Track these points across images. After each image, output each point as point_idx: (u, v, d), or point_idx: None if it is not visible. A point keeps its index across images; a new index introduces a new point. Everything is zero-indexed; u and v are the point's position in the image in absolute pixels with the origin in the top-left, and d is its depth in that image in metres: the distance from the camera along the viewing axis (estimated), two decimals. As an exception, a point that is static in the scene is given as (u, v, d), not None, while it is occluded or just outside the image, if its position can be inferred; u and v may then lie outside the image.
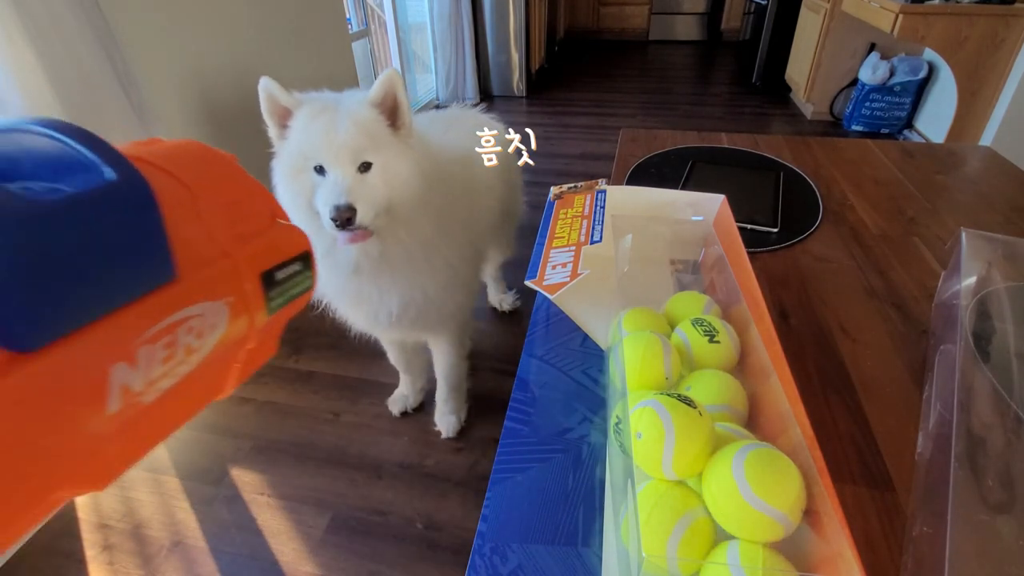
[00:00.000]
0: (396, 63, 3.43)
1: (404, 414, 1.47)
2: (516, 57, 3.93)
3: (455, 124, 1.26)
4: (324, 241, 0.89)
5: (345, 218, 0.81)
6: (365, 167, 0.85)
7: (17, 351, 0.12)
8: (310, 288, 0.23)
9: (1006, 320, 0.52)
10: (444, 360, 1.34)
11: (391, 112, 0.87)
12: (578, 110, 3.81)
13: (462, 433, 1.40)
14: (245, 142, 2.18)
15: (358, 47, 2.90)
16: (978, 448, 0.40)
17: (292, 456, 1.35)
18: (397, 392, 1.49)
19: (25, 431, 0.13)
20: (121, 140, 0.17)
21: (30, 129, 0.15)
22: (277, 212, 0.21)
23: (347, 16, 2.81)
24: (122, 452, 0.16)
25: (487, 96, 4.07)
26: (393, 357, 1.39)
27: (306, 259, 0.22)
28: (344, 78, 2.71)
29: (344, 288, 0.96)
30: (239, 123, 1.99)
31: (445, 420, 1.41)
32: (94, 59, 1.32)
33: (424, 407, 1.51)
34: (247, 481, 1.29)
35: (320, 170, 0.86)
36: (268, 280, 0.20)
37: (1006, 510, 0.37)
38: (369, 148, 0.84)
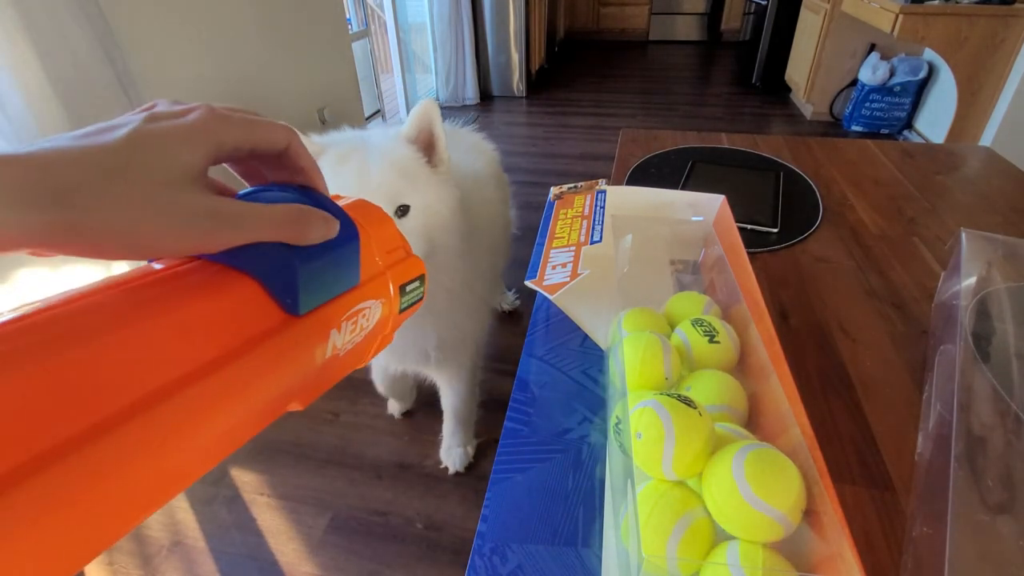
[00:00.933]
0: (396, 63, 3.43)
1: (406, 413, 1.48)
2: (516, 57, 3.93)
3: (457, 146, 1.17)
4: None
5: None
6: (403, 211, 0.76)
7: (293, 315, 0.23)
8: (421, 299, 0.33)
9: (1006, 320, 0.52)
10: (455, 395, 1.22)
11: (427, 147, 0.79)
12: (578, 110, 3.81)
13: (462, 433, 1.40)
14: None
15: (358, 47, 2.90)
16: (978, 448, 0.40)
17: (292, 456, 1.35)
18: (390, 405, 1.47)
19: (295, 358, 0.23)
20: None
21: (310, 192, 0.27)
22: (407, 247, 0.31)
23: (347, 16, 2.81)
24: (322, 383, 0.26)
25: (487, 96, 4.07)
26: (383, 387, 1.36)
27: (422, 279, 0.32)
28: (344, 78, 2.71)
29: None
30: (239, 123, 1.98)
31: (452, 454, 1.31)
32: (94, 59, 1.32)
33: (422, 410, 1.51)
34: (247, 481, 1.29)
35: None
36: (402, 290, 0.30)
37: (1006, 510, 0.37)
38: (407, 190, 0.76)
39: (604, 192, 0.77)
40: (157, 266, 0.22)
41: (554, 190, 0.81)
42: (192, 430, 0.19)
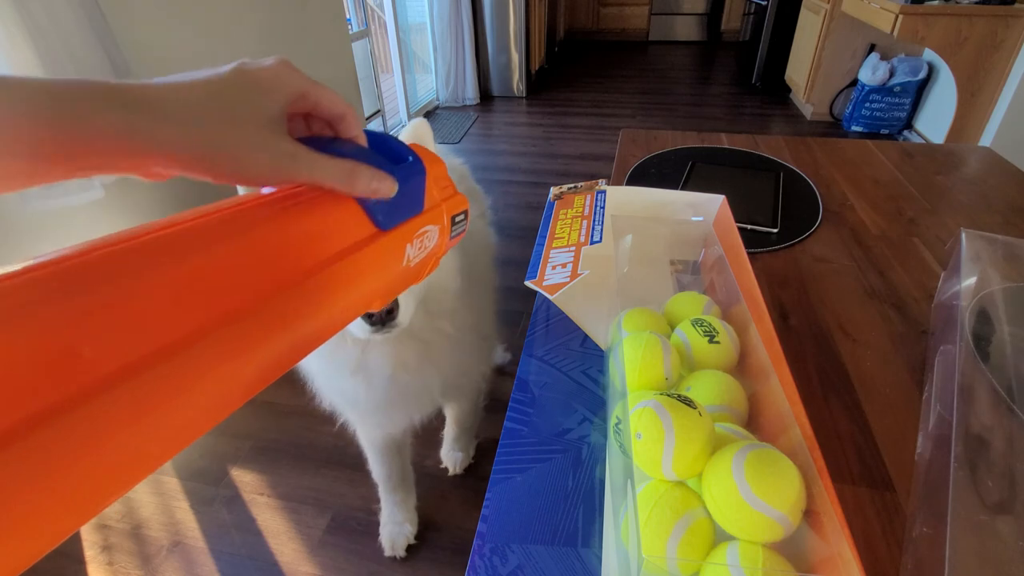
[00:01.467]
0: (396, 63, 3.43)
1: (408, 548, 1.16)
2: (516, 57, 3.93)
3: None
4: (350, 356, 0.72)
5: (382, 315, 0.61)
6: None
7: (381, 230, 0.30)
8: (464, 231, 0.40)
9: (1006, 320, 0.52)
10: (459, 409, 1.22)
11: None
12: (578, 110, 3.81)
13: (462, 433, 1.40)
14: (245, 142, 2.17)
15: (358, 47, 2.90)
16: (978, 448, 0.40)
17: (292, 456, 1.35)
18: (388, 526, 1.16)
19: (384, 262, 0.32)
20: None
21: (384, 136, 0.35)
22: (453, 185, 0.38)
23: (347, 16, 2.81)
24: (396, 288, 0.35)
25: (487, 96, 4.07)
26: (384, 471, 1.14)
27: (466, 213, 0.40)
28: (344, 78, 2.71)
29: (382, 397, 0.78)
30: (239, 123, 1.98)
31: (452, 456, 1.32)
32: (94, 59, 1.32)
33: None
34: (247, 481, 1.29)
35: None
36: (452, 220, 0.38)
37: (1006, 510, 0.37)
38: None
39: (604, 192, 0.77)
40: (267, 190, 0.28)
41: (554, 190, 0.81)
42: (320, 308, 0.26)
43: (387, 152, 0.33)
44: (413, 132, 0.73)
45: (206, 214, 0.23)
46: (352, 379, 0.75)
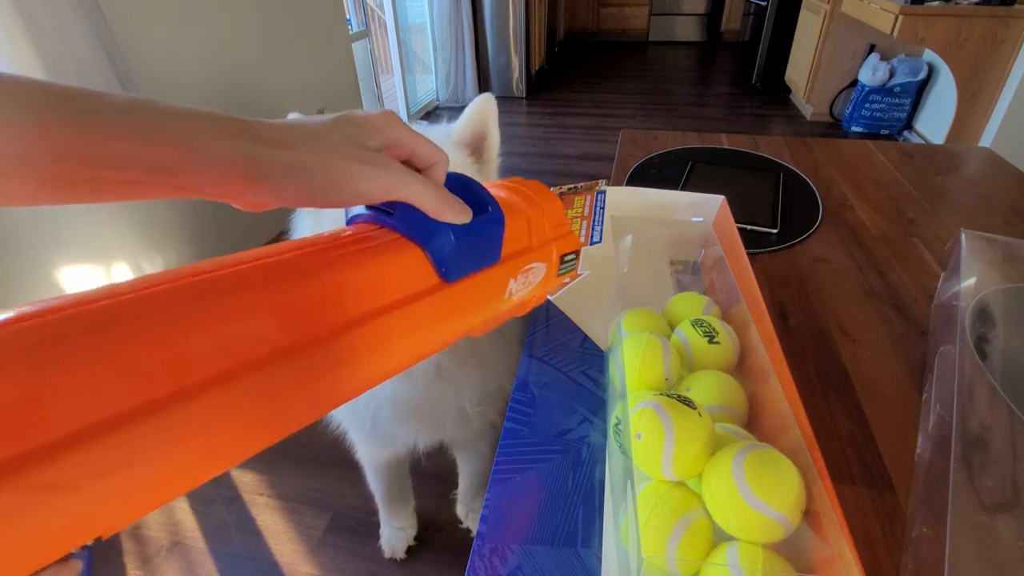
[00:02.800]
0: (396, 63, 3.43)
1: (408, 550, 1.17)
2: (516, 58, 3.93)
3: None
4: None
5: None
6: None
7: (445, 281, 0.29)
8: (574, 270, 0.40)
9: (1006, 321, 0.52)
10: (479, 459, 1.10)
11: (477, 149, 0.67)
12: (578, 111, 3.81)
13: (462, 434, 1.40)
14: (245, 142, 2.16)
15: (358, 47, 2.90)
16: (978, 449, 0.40)
17: (292, 456, 1.35)
18: (388, 530, 1.16)
19: (476, 302, 0.32)
20: None
21: (467, 181, 0.33)
22: (568, 225, 0.39)
23: (347, 16, 2.81)
24: (497, 319, 0.35)
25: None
26: (383, 488, 1.10)
27: (577, 253, 0.39)
28: (344, 78, 2.71)
29: (410, 400, 0.73)
30: (239, 123, 1.98)
31: (475, 517, 1.16)
32: (94, 59, 1.32)
33: None
34: (247, 481, 1.29)
35: None
36: (561, 259, 0.37)
37: (1006, 511, 0.37)
38: None
39: (604, 192, 0.77)
40: (347, 231, 0.30)
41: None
42: (366, 360, 0.26)
43: (470, 198, 0.31)
44: (478, 112, 0.66)
45: (262, 256, 0.24)
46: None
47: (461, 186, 0.32)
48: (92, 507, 0.17)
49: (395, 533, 1.15)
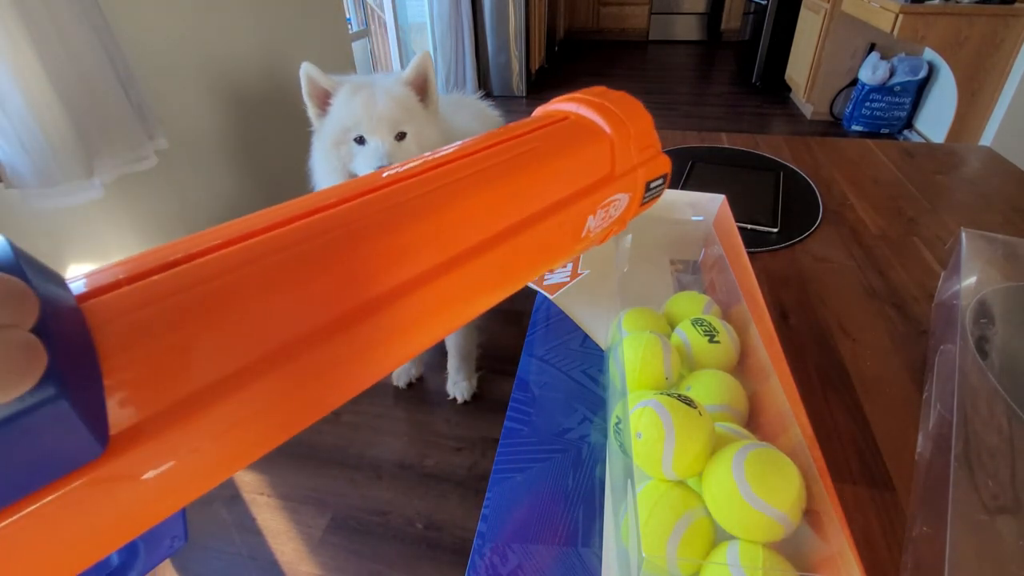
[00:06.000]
0: (396, 63, 3.43)
1: (409, 385, 1.54)
2: (516, 57, 3.92)
3: (460, 109, 1.36)
4: None
5: None
6: (400, 136, 0.98)
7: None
8: (659, 195, 0.35)
9: (1006, 320, 0.52)
10: (457, 332, 1.39)
11: (421, 90, 1.00)
12: (578, 110, 3.81)
13: (462, 434, 1.40)
14: (244, 141, 2.18)
15: (358, 47, 2.90)
16: (978, 448, 0.40)
17: (292, 456, 1.35)
18: (395, 374, 1.51)
19: (553, 244, 0.28)
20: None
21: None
22: (658, 144, 0.33)
23: (347, 16, 2.81)
24: (571, 257, 0.31)
25: (487, 96, 4.06)
26: None
27: (666, 177, 0.34)
28: (344, 78, 2.71)
29: None
30: (239, 123, 1.99)
31: (459, 387, 1.47)
32: (94, 59, 1.32)
33: (424, 381, 1.54)
34: (247, 481, 1.29)
35: (360, 140, 0.97)
36: (647, 187, 0.32)
37: (1006, 510, 0.37)
38: (404, 120, 0.97)
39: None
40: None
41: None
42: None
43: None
44: (419, 63, 0.97)
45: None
46: None
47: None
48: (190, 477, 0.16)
49: (400, 370, 1.48)
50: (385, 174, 0.23)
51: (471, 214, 0.23)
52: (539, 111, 0.33)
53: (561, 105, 0.32)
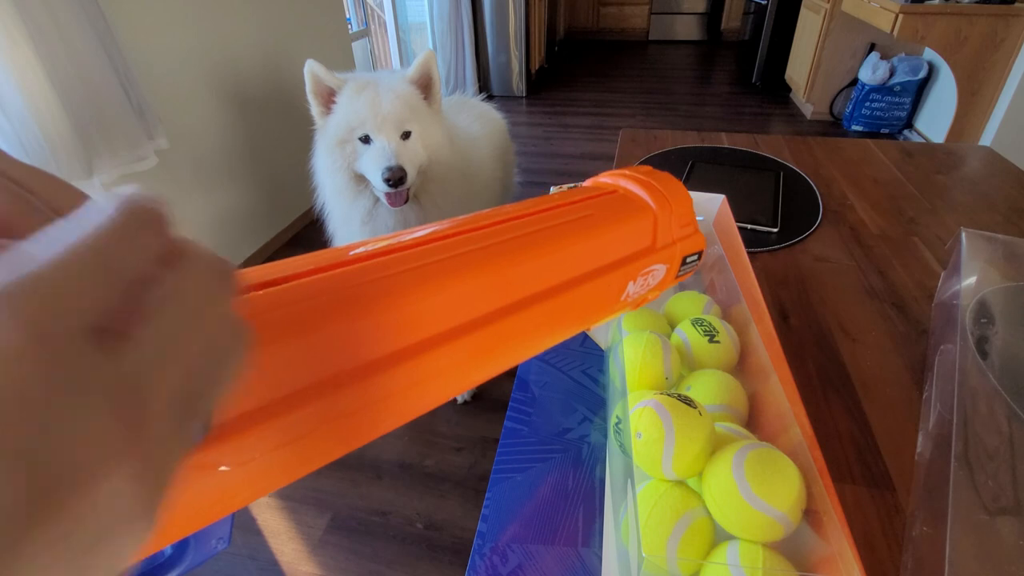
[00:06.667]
0: (396, 63, 3.43)
1: None
2: (516, 57, 3.92)
3: (463, 110, 1.37)
4: (363, 206, 1.02)
5: (398, 177, 0.94)
6: (406, 135, 0.98)
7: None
8: (693, 270, 0.36)
9: (1006, 320, 0.52)
10: None
11: (426, 88, 1.01)
12: (578, 110, 3.81)
13: (462, 433, 1.40)
14: (244, 140, 2.18)
15: (358, 47, 2.90)
16: (978, 448, 0.40)
17: (292, 456, 1.35)
18: None
19: (575, 317, 0.29)
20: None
21: None
22: (695, 223, 0.35)
23: (347, 16, 2.81)
24: (607, 318, 0.33)
25: (487, 96, 4.07)
26: None
27: (700, 254, 0.36)
28: (344, 78, 2.71)
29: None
30: (239, 122, 1.99)
31: None
32: (94, 59, 1.32)
33: None
34: (247, 481, 1.29)
35: (365, 140, 0.97)
36: (683, 261, 0.34)
37: (1006, 510, 0.37)
38: (410, 118, 0.97)
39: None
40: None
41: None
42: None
43: None
44: (423, 62, 0.98)
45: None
46: (361, 228, 1.05)
47: None
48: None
49: None
50: (451, 226, 0.25)
51: (531, 269, 0.24)
52: (590, 182, 0.36)
53: (610, 179, 0.35)
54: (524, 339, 0.25)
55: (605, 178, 0.35)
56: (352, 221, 1.06)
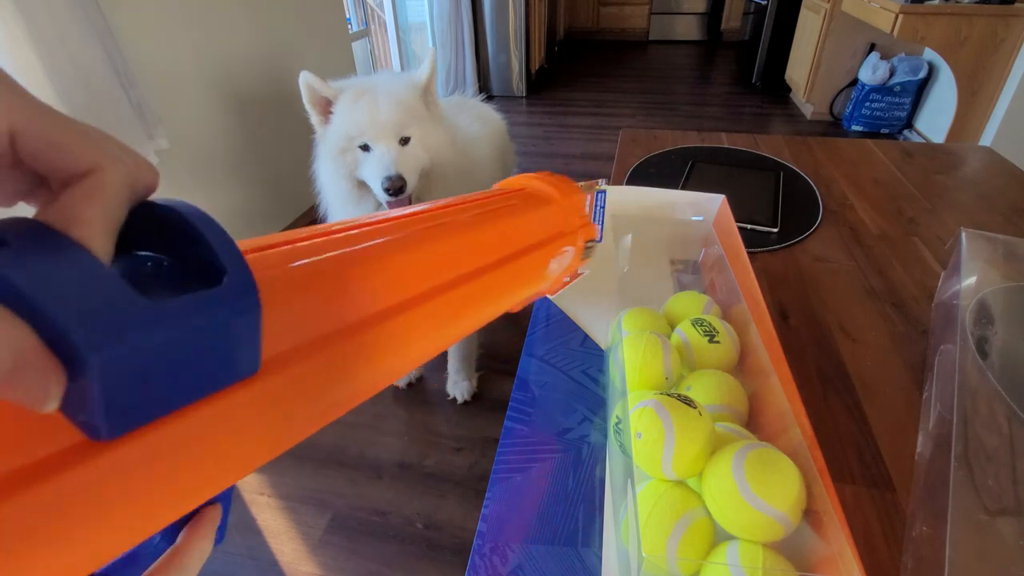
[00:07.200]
0: (396, 63, 3.43)
1: (409, 385, 1.55)
2: (516, 57, 3.92)
3: (462, 110, 1.36)
4: (366, 211, 1.02)
5: (397, 187, 0.93)
6: (405, 140, 0.97)
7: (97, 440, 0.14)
8: (591, 256, 0.41)
9: (1006, 320, 0.52)
10: None
11: (426, 89, 1.00)
12: (578, 110, 3.81)
13: (462, 434, 1.40)
14: (245, 140, 2.18)
15: (358, 47, 2.90)
16: (978, 448, 0.40)
17: (292, 456, 1.35)
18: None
19: (526, 281, 0.34)
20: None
21: (186, 218, 0.16)
22: (588, 214, 0.41)
23: (347, 16, 2.81)
24: (529, 298, 0.37)
25: (487, 96, 4.07)
26: None
27: (595, 242, 0.41)
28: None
29: None
30: (239, 122, 1.99)
31: (459, 387, 1.47)
32: (94, 59, 1.32)
33: (424, 381, 1.54)
34: (247, 481, 1.29)
35: (365, 147, 0.96)
36: (586, 245, 0.39)
37: (1006, 510, 0.37)
38: (408, 123, 0.96)
39: (604, 192, 0.77)
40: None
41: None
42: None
43: (184, 253, 0.16)
44: (432, 66, 0.97)
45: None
46: None
47: (173, 227, 0.16)
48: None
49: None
50: (398, 212, 0.27)
51: (470, 246, 0.28)
52: (499, 185, 0.40)
53: (521, 179, 0.40)
54: (481, 303, 0.28)
55: (517, 178, 0.41)
56: None
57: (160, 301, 0.13)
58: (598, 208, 0.76)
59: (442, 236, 0.26)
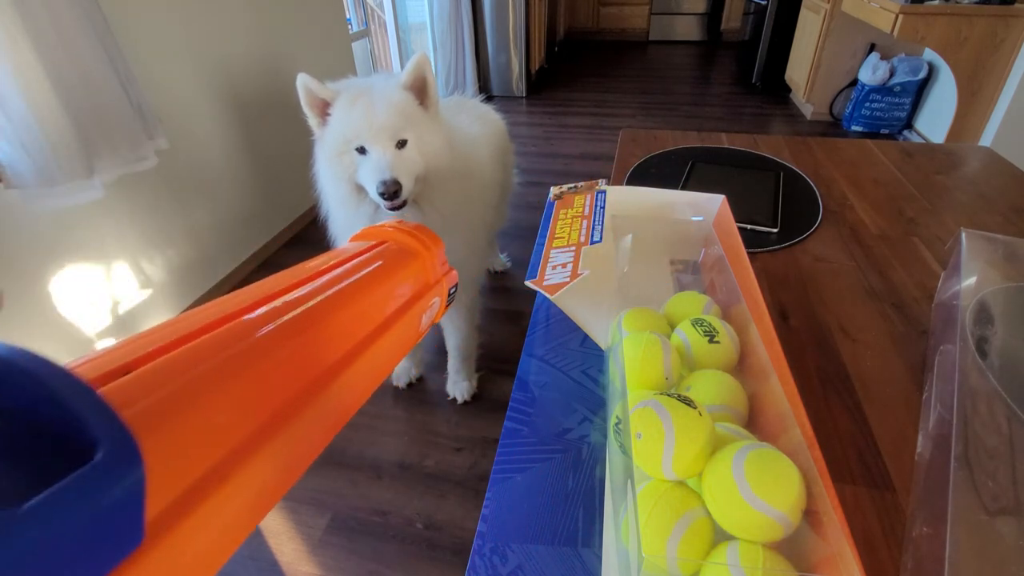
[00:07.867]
0: (396, 63, 3.43)
1: (409, 385, 1.56)
2: (516, 57, 3.93)
3: (462, 111, 1.36)
4: (366, 213, 1.01)
5: (392, 191, 0.93)
6: (402, 144, 0.95)
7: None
8: (452, 301, 0.42)
9: (1006, 320, 0.52)
10: (457, 333, 1.41)
11: (420, 92, 0.98)
12: (578, 110, 3.81)
13: (462, 434, 1.40)
14: (245, 139, 2.18)
15: (358, 47, 2.90)
16: (978, 448, 0.40)
17: (292, 456, 1.35)
18: (399, 367, 1.53)
19: (404, 338, 0.34)
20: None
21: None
22: (446, 262, 0.41)
23: (347, 16, 2.81)
24: (405, 351, 0.36)
25: (487, 96, 4.07)
26: None
27: (457, 286, 0.42)
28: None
29: None
30: (239, 122, 1.99)
31: (459, 387, 1.48)
32: (94, 59, 1.32)
33: (424, 381, 1.54)
34: (247, 481, 1.29)
35: (361, 150, 0.95)
36: (449, 293, 0.41)
37: (1006, 510, 0.37)
38: (405, 127, 0.95)
39: (604, 192, 0.77)
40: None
41: (554, 190, 0.81)
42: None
43: (13, 410, 0.12)
44: (415, 66, 0.95)
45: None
46: None
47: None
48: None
49: (399, 370, 1.52)
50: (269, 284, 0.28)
51: (345, 325, 0.29)
52: (357, 236, 0.40)
53: (378, 233, 0.40)
54: (361, 380, 0.29)
55: (374, 230, 0.40)
56: (355, 228, 1.07)
57: (14, 505, 0.09)
58: (598, 208, 0.77)
59: (309, 327, 0.26)
